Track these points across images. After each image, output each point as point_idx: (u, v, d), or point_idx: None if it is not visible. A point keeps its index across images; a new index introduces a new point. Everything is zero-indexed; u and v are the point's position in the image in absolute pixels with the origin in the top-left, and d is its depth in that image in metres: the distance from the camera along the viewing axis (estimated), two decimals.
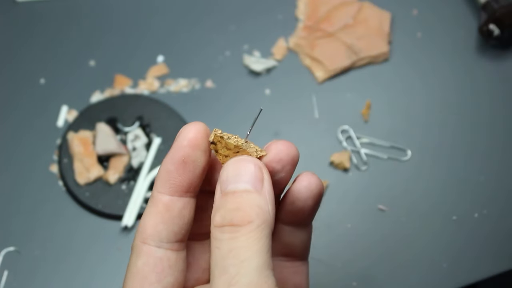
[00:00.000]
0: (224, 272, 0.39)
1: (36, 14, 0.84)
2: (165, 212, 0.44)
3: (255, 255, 0.39)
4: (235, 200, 0.41)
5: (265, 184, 0.42)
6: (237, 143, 0.45)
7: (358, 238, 0.71)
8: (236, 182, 0.42)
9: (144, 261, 0.43)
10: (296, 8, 0.84)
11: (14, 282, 0.68)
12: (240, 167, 0.42)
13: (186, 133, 0.44)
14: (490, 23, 0.78)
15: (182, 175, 0.44)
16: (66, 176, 0.73)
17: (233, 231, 0.40)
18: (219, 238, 0.40)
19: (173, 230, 0.44)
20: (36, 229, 0.71)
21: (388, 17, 0.83)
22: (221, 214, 0.40)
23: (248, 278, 0.38)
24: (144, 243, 0.44)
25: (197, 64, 0.81)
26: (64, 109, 0.78)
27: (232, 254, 0.39)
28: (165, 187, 0.44)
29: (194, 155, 0.44)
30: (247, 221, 0.40)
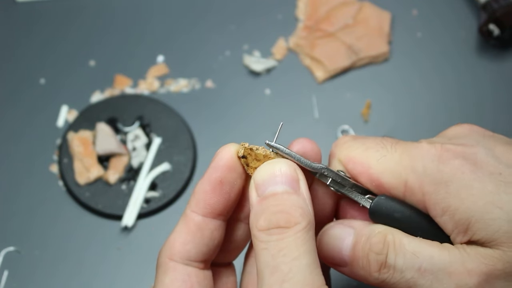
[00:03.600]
0: (276, 270, 0.39)
1: (36, 14, 0.84)
2: (197, 231, 0.44)
3: (305, 253, 0.40)
4: (277, 203, 0.41)
5: (301, 185, 0.42)
6: (265, 153, 0.45)
7: None
8: (273, 184, 0.42)
9: (172, 278, 0.43)
10: (296, 8, 0.84)
11: (14, 282, 0.68)
12: (274, 169, 0.42)
13: (224, 154, 0.44)
14: (490, 23, 0.78)
15: (218, 196, 0.44)
16: (66, 176, 0.73)
17: (281, 233, 0.40)
18: (266, 240, 0.40)
19: (202, 250, 0.44)
20: (36, 229, 0.71)
21: (388, 17, 0.83)
22: (265, 218, 0.41)
23: (301, 275, 0.39)
24: (171, 260, 0.44)
25: (197, 64, 0.81)
26: (64, 109, 0.78)
27: (283, 253, 0.39)
28: (199, 207, 0.44)
29: (231, 177, 0.44)
30: (294, 223, 0.40)
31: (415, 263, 0.42)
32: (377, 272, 0.43)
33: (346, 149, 0.47)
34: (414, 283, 0.42)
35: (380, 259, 0.43)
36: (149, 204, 0.72)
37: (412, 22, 0.84)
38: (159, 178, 0.73)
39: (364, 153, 0.46)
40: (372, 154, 0.46)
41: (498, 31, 0.78)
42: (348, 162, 0.46)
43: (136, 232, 0.71)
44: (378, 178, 0.45)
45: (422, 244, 0.43)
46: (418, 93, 0.80)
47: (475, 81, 0.80)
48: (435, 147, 0.44)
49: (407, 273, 0.42)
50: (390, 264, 0.43)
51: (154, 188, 0.73)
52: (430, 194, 0.43)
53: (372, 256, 0.43)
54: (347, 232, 0.45)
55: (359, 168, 0.46)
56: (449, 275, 0.42)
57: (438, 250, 0.42)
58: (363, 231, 0.44)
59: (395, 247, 0.43)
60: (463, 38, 0.83)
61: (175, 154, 0.74)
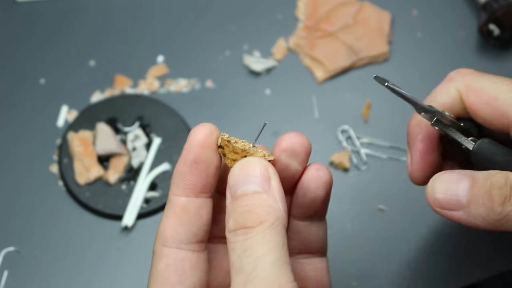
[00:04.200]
0: (240, 271, 0.39)
1: (36, 14, 0.84)
2: (183, 213, 0.44)
3: (271, 251, 0.39)
4: (245, 203, 0.41)
5: (272, 183, 0.42)
6: (244, 147, 0.45)
7: (358, 238, 0.71)
8: (244, 184, 0.42)
9: (165, 264, 0.44)
10: (296, 8, 0.84)
11: (14, 282, 0.68)
12: (246, 169, 0.43)
13: (196, 135, 0.45)
14: (490, 23, 0.78)
15: (195, 175, 0.44)
16: (66, 176, 0.73)
17: (246, 232, 0.40)
18: (233, 241, 0.40)
19: (192, 231, 0.45)
20: (36, 229, 0.71)
21: (388, 17, 0.83)
22: (233, 219, 0.41)
23: (265, 273, 0.39)
24: (165, 246, 0.44)
25: (197, 64, 0.81)
26: (64, 109, 0.78)
27: (248, 253, 0.39)
28: (180, 188, 0.45)
29: (205, 155, 0.44)
30: (259, 222, 0.40)
31: None
32: (500, 205, 0.43)
33: (471, 79, 0.48)
34: None
35: (504, 192, 0.43)
36: (149, 204, 0.72)
37: (412, 22, 0.84)
38: (159, 178, 0.73)
39: (492, 85, 0.47)
40: (500, 87, 0.46)
41: (498, 31, 0.78)
42: (470, 92, 0.47)
43: (136, 232, 0.71)
44: (506, 110, 0.45)
45: None
46: (418, 93, 0.79)
47: None
48: None
49: None
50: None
51: (154, 188, 0.73)
52: None
53: (495, 191, 0.43)
54: (461, 176, 0.45)
55: (484, 98, 0.46)
56: None
57: None
58: (478, 174, 0.44)
59: None
60: (463, 38, 0.83)
61: (175, 154, 0.74)
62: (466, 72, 0.50)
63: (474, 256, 0.70)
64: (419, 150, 0.50)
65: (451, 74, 0.50)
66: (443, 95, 0.50)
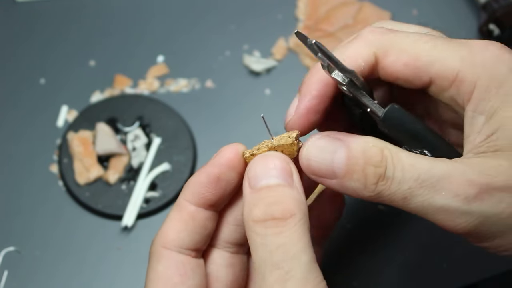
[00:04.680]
0: (276, 268, 0.39)
1: (36, 14, 0.84)
2: (190, 220, 0.45)
3: (303, 250, 0.40)
4: (272, 194, 0.41)
5: (294, 178, 0.43)
6: (268, 146, 0.45)
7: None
8: (267, 177, 0.42)
9: (166, 265, 0.44)
10: (296, 8, 0.84)
11: (14, 282, 0.68)
12: (267, 162, 0.43)
13: (226, 153, 0.45)
14: (490, 23, 0.78)
15: (214, 190, 0.45)
16: (66, 176, 0.73)
17: (277, 225, 0.40)
18: (262, 234, 0.40)
19: (195, 239, 0.45)
20: (36, 229, 0.71)
21: (388, 17, 0.83)
22: (260, 209, 0.41)
23: (301, 273, 0.39)
24: (165, 248, 0.44)
25: (197, 64, 0.81)
26: (64, 109, 0.78)
27: (282, 250, 0.39)
28: (194, 197, 0.45)
29: (230, 175, 0.45)
30: (289, 214, 0.40)
31: (413, 174, 0.41)
32: (374, 184, 0.42)
33: (388, 39, 0.46)
34: (411, 193, 0.41)
35: (378, 171, 0.42)
36: (149, 204, 0.72)
37: (412, 22, 0.83)
38: (159, 178, 0.73)
39: (412, 45, 0.45)
40: (421, 46, 0.45)
41: (498, 31, 0.78)
42: (389, 53, 0.45)
43: (136, 232, 0.71)
44: (427, 68, 0.44)
45: (420, 158, 0.42)
46: None
47: None
48: (495, 45, 0.44)
49: (405, 184, 0.41)
50: (388, 176, 0.42)
51: (154, 188, 0.73)
52: (480, 88, 0.42)
53: (370, 169, 0.42)
54: (337, 144, 0.43)
55: (404, 59, 0.45)
56: (448, 185, 0.41)
57: (437, 162, 0.42)
58: (354, 143, 0.43)
59: (393, 160, 0.42)
60: (463, 38, 0.83)
61: (175, 154, 0.74)
62: (380, 31, 0.47)
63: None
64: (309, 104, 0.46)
65: (362, 32, 0.47)
66: (355, 55, 0.46)
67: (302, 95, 0.47)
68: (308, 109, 0.46)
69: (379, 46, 0.46)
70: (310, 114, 0.46)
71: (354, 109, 0.49)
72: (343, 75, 0.44)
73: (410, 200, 0.41)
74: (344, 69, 0.44)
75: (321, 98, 0.46)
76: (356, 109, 0.48)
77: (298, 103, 0.47)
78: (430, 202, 0.41)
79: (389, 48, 0.45)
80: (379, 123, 0.46)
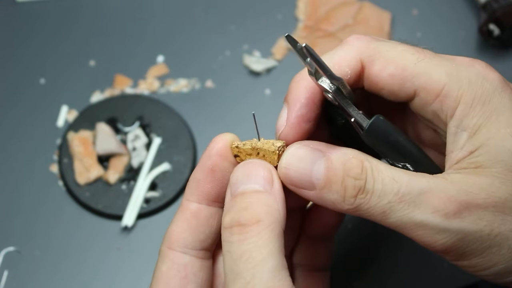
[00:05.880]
0: (239, 277, 0.38)
1: (36, 14, 0.84)
2: (192, 219, 0.45)
3: (268, 257, 0.39)
4: (244, 201, 0.41)
5: (274, 185, 0.42)
6: (252, 145, 0.45)
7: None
8: (246, 183, 0.42)
9: (168, 266, 0.44)
10: (296, 8, 0.84)
11: (14, 282, 0.68)
12: (249, 169, 0.43)
13: (216, 143, 0.45)
14: (490, 23, 0.78)
15: (210, 183, 0.44)
16: (66, 176, 0.73)
17: (242, 232, 0.39)
18: (229, 241, 0.40)
19: (199, 238, 0.45)
20: (36, 229, 0.71)
21: (388, 17, 0.83)
22: (230, 215, 0.41)
23: (264, 281, 0.38)
24: (170, 249, 0.44)
25: (197, 64, 0.81)
26: (64, 109, 0.78)
27: (245, 258, 0.39)
28: (194, 195, 0.45)
29: (223, 165, 0.45)
30: (255, 220, 0.40)
31: (394, 187, 0.41)
32: (353, 197, 0.41)
33: (374, 48, 0.45)
34: (390, 208, 0.41)
35: (358, 184, 0.41)
36: (149, 204, 0.72)
37: (412, 22, 0.84)
38: (159, 178, 0.73)
39: (398, 55, 0.44)
40: (408, 57, 0.44)
41: (498, 31, 0.78)
42: (375, 62, 0.44)
43: (136, 232, 0.71)
44: (413, 80, 0.43)
45: (401, 172, 0.42)
46: None
47: None
48: (480, 63, 0.43)
49: (384, 198, 0.41)
50: (368, 189, 0.41)
51: (154, 188, 0.73)
52: (465, 104, 0.42)
53: (350, 181, 0.41)
54: (317, 155, 0.42)
55: (391, 69, 0.44)
56: (428, 200, 0.40)
57: (417, 177, 0.41)
58: (334, 155, 0.42)
59: (373, 172, 0.41)
60: (463, 38, 0.83)
61: (175, 154, 0.74)
62: (367, 40, 0.46)
63: None
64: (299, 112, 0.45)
65: (349, 40, 0.47)
66: (341, 61, 0.45)
67: (290, 105, 0.46)
68: (299, 118, 0.45)
69: (366, 54, 0.45)
70: (302, 123, 0.45)
71: (337, 119, 0.48)
72: (330, 82, 0.43)
73: (389, 215, 0.41)
74: (332, 76, 0.43)
75: (311, 106, 0.45)
76: (338, 118, 0.48)
77: (288, 113, 0.46)
78: (409, 217, 0.41)
79: (375, 56, 0.45)
80: (362, 135, 0.45)
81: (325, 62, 0.42)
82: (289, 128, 0.46)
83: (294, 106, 0.45)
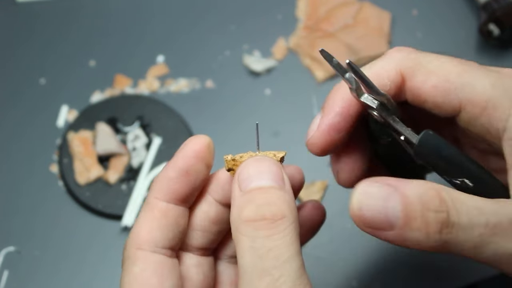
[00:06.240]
0: (266, 274, 0.38)
1: (36, 14, 0.84)
2: (161, 217, 0.43)
3: (294, 256, 0.38)
4: (264, 196, 0.40)
5: (286, 183, 0.41)
6: (251, 157, 0.43)
7: (358, 238, 0.71)
8: (259, 179, 0.41)
9: (142, 267, 0.42)
10: (296, 8, 0.84)
11: (14, 282, 0.68)
12: (261, 165, 0.41)
13: (193, 145, 0.44)
14: (490, 23, 0.78)
15: (183, 184, 0.44)
16: (66, 176, 0.73)
17: (269, 227, 0.39)
18: (252, 236, 0.39)
19: (168, 237, 0.44)
20: (36, 229, 0.71)
21: (388, 17, 0.83)
22: (251, 209, 0.39)
23: (292, 280, 0.38)
24: (139, 249, 0.43)
25: (197, 64, 0.81)
26: (64, 109, 0.78)
27: (273, 254, 0.38)
28: (164, 193, 0.44)
29: (198, 167, 0.44)
30: (281, 215, 0.39)
31: (481, 219, 0.37)
32: (437, 232, 0.38)
33: (415, 59, 0.43)
34: (482, 241, 0.37)
35: (440, 217, 0.38)
36: None
37: (412, 22, 0.84)
38: None
39: (441, 66, 0.43)
40: (450, 68, 0.43)
41: (498, 31, 0.78)
42: (417, 73, 0.43)
43: None
44: (456, 92, 0.42)
45: (481, 200, 0.38)
46: None
47: None
48: None
49: (474, 230, 0.37)
50: (453, 222, 0.37)
51: None
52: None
53: (431, 215, 0.38)
54: (388, 191, 0.39)
55: (434, 80, 0.42)
56: None
57: (503, 204, 0.38)
58: (407, 188, 0.38)
59: (454, 204, 0.38)
60: (463, 38, 0.83)
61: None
62: (407, 51, 0.44)
63: None
64: (331, 121, 0.45)
65: (390, 51, 0.45)
66: (381, 73, 0.44)
67: (325, 112, 0.45)
68: (330, 126, 0.44)
69: (407, 65, 0.44)
70: (332, 131, 0.45)
71: (382, 137, 0.46)
72: (374, 98, 0.42)
73: (483, 249, 0.38)
74: (378, 92, 0.41)
75: (344, 116, 0.44)
76: (384, 137, 0.45)
77: (321, 120, 0.45)
78: (506, 249, 0.38)
79: (416, 68, 0.43)
80: (413, 151, 0.42)
81: (369, 78, 0.41)
82: (319, 134, 0.45)
83: (328, 114, 0.45)
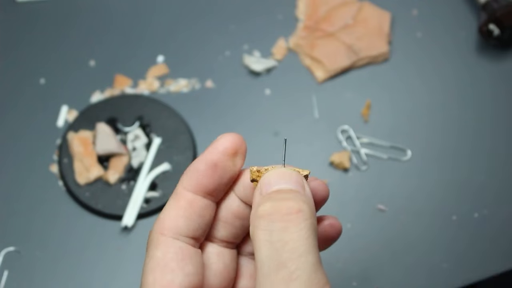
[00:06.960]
0: (282, 267, 0.38)
1: (36, 14, 0.84)
2: (187, 207, 0.45)
3: (310, 250, 0.39)
4: (283, 195, 0.41)
5: (306, 190, 0.42)
6: None
7: (358, 238, 0.71)
8: (279, 184, 0.42)
9: (164, 251, 0.43)
10: (296, 8, 0.84)
11: (14, 282, 0.68)
12: (283, 173, 0.42)
13: (224, 141, 0.45)
14: (490, 23, 0.78)
15: (211, 177, 0.44)
16: (66, 176, 0.73)
17: (285, 220, 0.39)
18: (268, 229, 0.39)
19: (192, 227, 0.45)
20: (36, 229, 0.71)
21: (388, 17, 0.83)
22: (267, 204, 0.40)
23: (307, 273, 0.38)
24: (163, 235, 0.44)
25: (197, 64, 0.81)
26: (64, 109, 0.78)
27: (289, 247, 0.38)
28: (191, 184, 0.45)
29: (226, 162, 0.45)
30: (297, 209, 0.39)
31: None
32: None
33: None
34: None
35: None
36: (149, 204, 0.72)
37: (412, 22, 0.84)
38: (159, 178, 0.73)
39: None
40: None
41: (498, 31, 0.78)
42: None
43: (136, 232, 0.71)
44: None
45: None
46: (418, 93, 0.80)
47: (475, 81, 0.80)
48: None
49: None
50: None
51: (154, 188, 0.73)
52: None
53: None
54: None
55: None
56: None
57: None
58: None
59: None
60: (463, 38, 0.83)
61: (175, 154, 0.74)
62: None
63: (474, 256, 0.70)
64: None
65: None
66: None
67: None
68: None
69: None
70: None
71: None
72: None
73: None
74: None
75: None
76: None
77: None
78: None
79: None
80: None
81: None
82: None
83: None
